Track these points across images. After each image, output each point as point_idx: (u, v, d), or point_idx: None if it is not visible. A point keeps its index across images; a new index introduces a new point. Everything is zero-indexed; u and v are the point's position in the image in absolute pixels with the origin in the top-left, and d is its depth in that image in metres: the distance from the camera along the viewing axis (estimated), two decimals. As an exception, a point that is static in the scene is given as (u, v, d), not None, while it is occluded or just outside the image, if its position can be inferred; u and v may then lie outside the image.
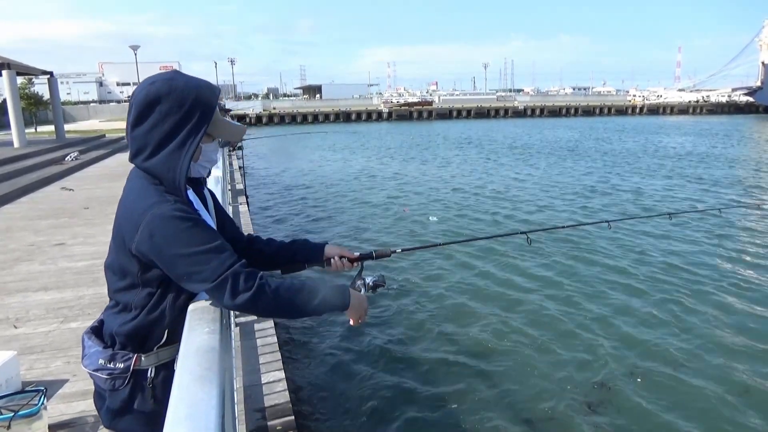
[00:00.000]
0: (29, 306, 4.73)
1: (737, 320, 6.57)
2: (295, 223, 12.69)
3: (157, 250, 1.38)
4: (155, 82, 1.45)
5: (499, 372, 5.47)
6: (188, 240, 1.38)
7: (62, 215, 8.70)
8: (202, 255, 1.39)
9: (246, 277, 1.41)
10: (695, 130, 43.89)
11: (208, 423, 0.96)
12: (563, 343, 6.00)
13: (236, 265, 1.42)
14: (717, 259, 8.91)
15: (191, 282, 1.41)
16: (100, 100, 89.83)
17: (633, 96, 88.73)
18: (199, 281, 1.40)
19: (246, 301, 1.41)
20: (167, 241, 1.37)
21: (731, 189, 15.98)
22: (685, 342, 5.99)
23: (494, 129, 49.79)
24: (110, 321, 1.58)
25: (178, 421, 0.97)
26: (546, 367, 5.49)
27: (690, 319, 6.59)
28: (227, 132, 1.63)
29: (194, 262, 1.38)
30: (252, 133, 33.66)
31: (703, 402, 4.88)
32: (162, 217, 1.38)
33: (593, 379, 5.26)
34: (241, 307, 1.43)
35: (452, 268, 8.63)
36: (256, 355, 3.86)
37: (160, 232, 1.37)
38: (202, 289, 1.43)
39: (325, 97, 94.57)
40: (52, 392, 3.20)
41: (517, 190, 16.23)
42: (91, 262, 5.99)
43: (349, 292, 1.63)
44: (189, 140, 1.45)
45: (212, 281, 1.38)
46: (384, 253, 1.94)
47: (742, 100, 76.32)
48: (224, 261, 1.41)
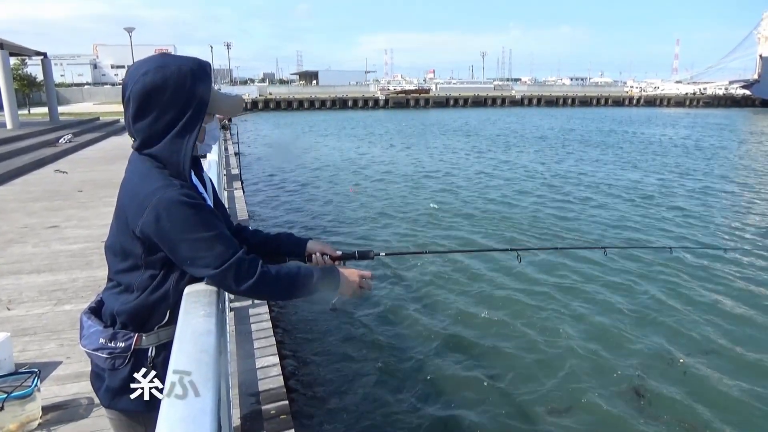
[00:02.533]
0: (22, 288, 4.71)
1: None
2: (289, 208, 12.68)
3: (162, 233, 1.40)
4: (148, 71, 1.43)
5: (491, 358, 5.51)
6: (194, 225, 1.40)
7: (56, 198, 8.65)
8: (207, 241, 1.42)
9: (249, 264, 1.47)
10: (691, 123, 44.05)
11: (204, 406, 0.96)
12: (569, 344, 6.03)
13: (239, 252, 1.46)
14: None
15: (194, 267, 1.44)
16: (94, 83, 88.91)
17: (630, 87, 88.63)
18: (203, 266, 1.43)
19: (249, 287, 1.47)
20: (173, 225, 1.39)
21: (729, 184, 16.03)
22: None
23: (513, 119, 49.64)
24: (110, 301, 1.57)
25: (173, 403, 0.96)
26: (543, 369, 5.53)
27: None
28: (225, 106, 1.65)
29: (199, 248, 1.41)
30: (248, 118, 33.71)
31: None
32: (169, 201, 1.39)
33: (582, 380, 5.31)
34: (244, 292, 1.48)
35: (445, 264, 8.63)
36: (251, 339, 3.86)
37: (166, 217, 1.38)
38: (205, 274, 1.45)
39: (321, 84, 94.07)
40: (45, 374, 3.19)
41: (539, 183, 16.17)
42: (84, 245, 5.97)
43: (338, 271, 1.71)
44: (192, 124, 1.48)
45: (216, 267, 1.42)
46: (366, 254, 1.94)
47: (739, 93, 76.20)
48: (228, 248, 1.44)
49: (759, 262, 8.39)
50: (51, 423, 2.76)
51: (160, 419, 0.93)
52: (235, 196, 9.16)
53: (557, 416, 4.60)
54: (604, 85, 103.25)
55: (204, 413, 0.94)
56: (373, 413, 4.60)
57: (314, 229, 10.70)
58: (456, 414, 4.59)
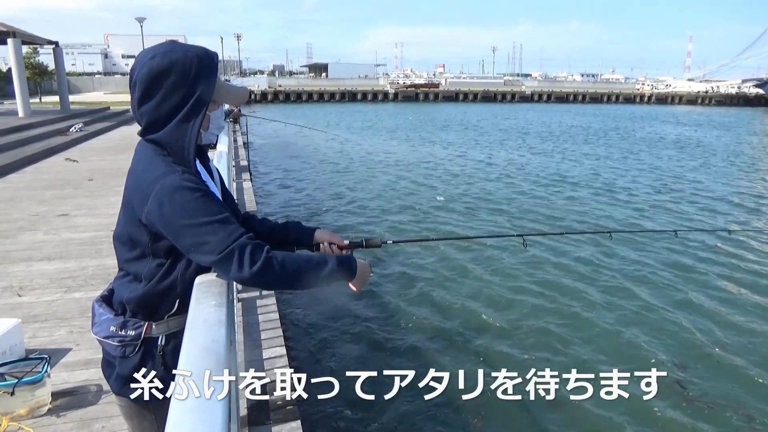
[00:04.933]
0: (33, 275, 4.75)
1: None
2: (297, 199, 12.71)
3: (165, 220, 1.39)
4: (155, 56, 1.44)
5: (496, 352, 5.50)
6: (196, 211, 1.39)
7: (66, 186, 8.71)
8: (209, 226, 1.39)
9: (252, 250, 1.41)
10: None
11: (215, 395, 0.97)
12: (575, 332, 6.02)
13: (243, 237, 1.42)
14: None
15: (198, 253, 1.41)
16: (104, 72, 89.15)
17: (641, 84, 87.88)
18: (206, 252, 1.39)
19: (253, 274, 1.40)
20: (175, 211, 1.38)
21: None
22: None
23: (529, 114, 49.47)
24: (120, 290, 1.59)
25: (185, 392, 0.97)
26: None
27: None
28: (230, 96, 1.65)
29: (201, 233, 1.38)
30: (257, 110, 33.82)
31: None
32: (171, 187, 1.38)
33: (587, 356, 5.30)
34: (248, 279, 1.41)
35: (452, 251, 8.64)
36: (258, 330, 3.87)
37: (168, 203, 1.37)
38: (208, 261, 1.42)
39: (331, 76, 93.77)
40: (55, 360, 3.22)
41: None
42: (94, 233, 6.01)
43: (356, 261, 1.64)
44: (197, 110, 1.47)
45: (219, 253, 1.38)
46: (374, 242, 1.92)
47: (752, 92, 75.35)
48: (231, 233, 1.40)
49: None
50: (60, 409, 2.80)
51: (171, 409, 0.93)
52: (243, 187, 9.19)
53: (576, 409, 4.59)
54: (615, 82, 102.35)
55: (216, 403, 0.95)
56: (380, 406, 4.61)
57: (322, 219, 10.76)
58: (473, 407, 4.60)
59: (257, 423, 2.87)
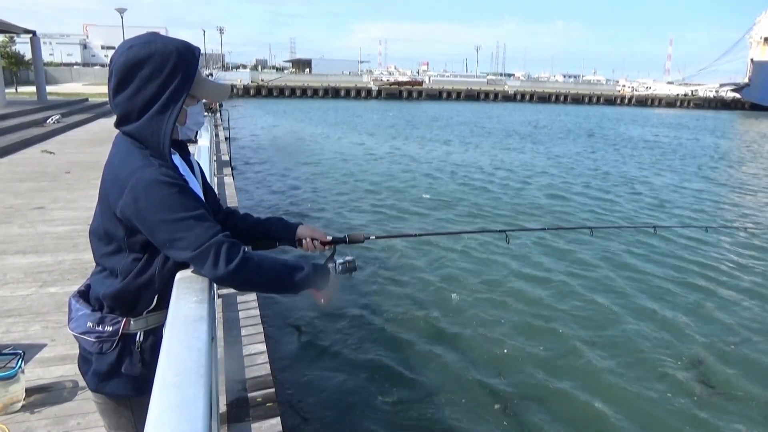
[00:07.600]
0: (6, 269, 4.65)
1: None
2: (280, 194, 12.64)
3: (140, 215, 1.37)
4: (133, 46, 1.42)
5: (472, 351, 5.54)
6: (172, 206, 1.37)
7: (42, 179, 8.54)
8: (185, 222, 1.37)
9: (229, 248, 1.40)
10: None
11: (196, 392, 0.95)
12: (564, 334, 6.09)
13: (220, 235, 1.41)
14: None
15: (173, 249, 1.40)
16: (83, 63, 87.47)
17: (622, 86, 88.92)
18: (181, 249, 1.38)
19: (229, 273, 1.39)
20: (151, 206, 1.36)
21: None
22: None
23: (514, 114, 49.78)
24: (97, 285, 1.56)
25: (166, 388, 0.96)
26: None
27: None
28: (211, 92, 1.63)
29: (177, 229, 1.37)
30: (239, 104, 33.55)
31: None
32: (147, 181, 1.36)
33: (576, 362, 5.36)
34: (222, 278, 1.40)
35: (435, 247, 8.67)
36: (239, 327, 3.84)
37: (144, 197, 1.35)
38: (184, 257, 1.41)
39: (314, 72, 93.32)
40: (29, 356, 3.16)
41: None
42: (71, 227, 5.90)
43: (329, 274, 1.67)
44: (172, 103, 1.45)
45: (194, 249, 1.37)
46: (357, 238, 1.92)
47: (729, 96, 76.80)
48: (207, 229, 1.39)
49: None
50: (35, 405, 2.74)
51: (152, 405, 0.92)
52: (225, 182, 9.11)
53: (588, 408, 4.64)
54: (596, 83, 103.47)
55: (196, 399, 0.94)
56: (359, 402, 4.61)
57: (305, 215, 10.73)
58: (475, 406, 4.63)
59: (237, 420, 2.85)
